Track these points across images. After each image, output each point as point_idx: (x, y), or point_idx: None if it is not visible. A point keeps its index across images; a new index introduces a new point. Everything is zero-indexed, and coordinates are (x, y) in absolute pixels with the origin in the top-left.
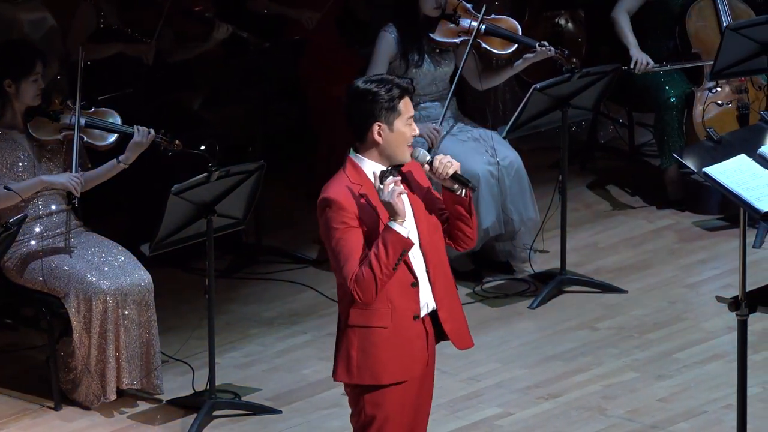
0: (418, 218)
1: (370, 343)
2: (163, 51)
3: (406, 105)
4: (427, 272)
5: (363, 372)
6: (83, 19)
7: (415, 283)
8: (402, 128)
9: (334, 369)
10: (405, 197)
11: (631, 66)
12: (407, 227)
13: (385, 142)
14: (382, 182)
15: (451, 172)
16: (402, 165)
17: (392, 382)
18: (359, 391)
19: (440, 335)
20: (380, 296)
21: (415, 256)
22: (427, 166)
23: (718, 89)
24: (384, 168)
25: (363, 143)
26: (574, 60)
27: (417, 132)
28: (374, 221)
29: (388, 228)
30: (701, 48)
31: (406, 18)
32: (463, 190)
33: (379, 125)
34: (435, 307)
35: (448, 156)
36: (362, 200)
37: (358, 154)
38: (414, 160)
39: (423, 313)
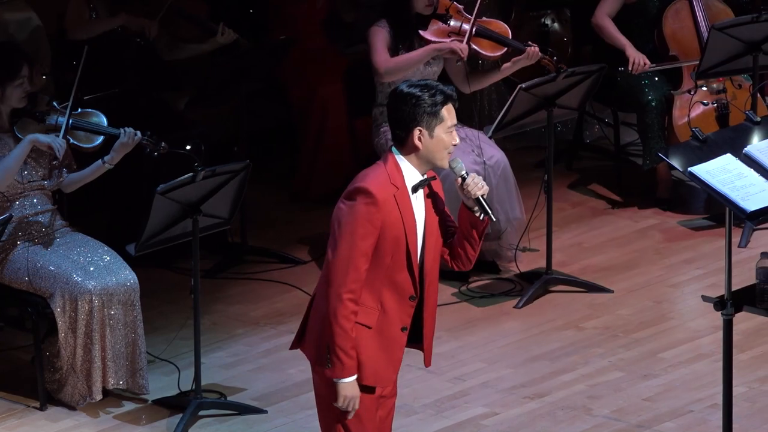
0: (428, 233)
1: None
2: (159, 50)
3: (449, 112)
4: (422, 289)
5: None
6: (75, 15)
7: (414, 297)
8: (442, 135)
9: (301, 345)
10: (422, 217)
11: (629, 67)
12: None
13: (424, 147)
14: (415, 191)
15: (479, 193)
16: (434, 179)
17: (366, 383)
18: (330, 380)
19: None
20: (372, 297)
21: (416, 272)
22: (459, 180)
23: (698, 91)
24: (420, 175)
25: (403, 146)
26: (562, 66)
27: (457, 141)
28: (397, 227)
29: (350, 374)
30: (678, 50)
31: (397, 15)
32: (482, 215)
33: (420, 130)
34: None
35: (481, 178)
36: (395, 203)
37: (400, 155)
38: (449, 170)
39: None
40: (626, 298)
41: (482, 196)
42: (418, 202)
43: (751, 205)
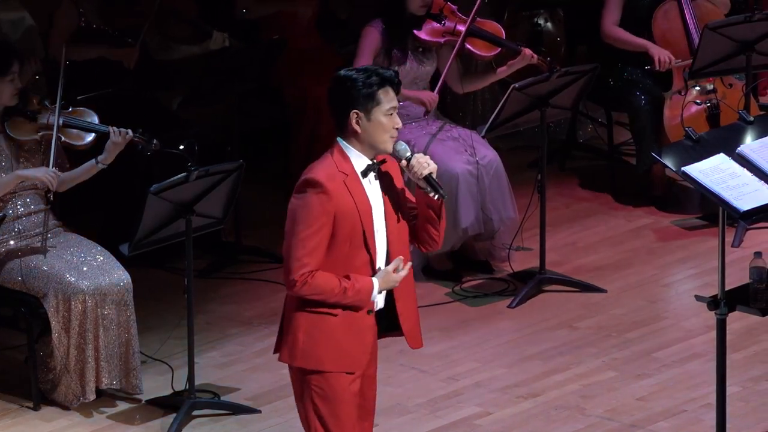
0: (389, 215)
1: (317, 329)
2: (150, 49)
3: (386, 94)
4: None
5: (307, 356)
6: (65, 18)
7: None
8: (381, 118)
9: (278, 347)
10: (380, 201)
11: (656, 65)
12: (379, 297)
13: (363, 131)
14: (365, 175)
15: (425, 173)
16: (384, 162)
17: (335, 370)
18: (302, 374)
19: (382, 332)
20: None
21: (380, 253)
22: (404, 162)
23: (688, 91)
24: (368, 160)
25: (344, 132)
26: (557, 67)
27: (399, 125)
28: (351, 213)
29: (371, 285)
30: (668, 51)
31: (392, 14)
32: (434, 194)
33: (357, 113)
34: (382, 305)
35: (428, 157)
36: (346, 190)
37: (345, 142)
38: (393, 157)
39: (377, 308)
40: (620, 298)
41: (430, 174)
42: (373, 187)
43: (744, 204)
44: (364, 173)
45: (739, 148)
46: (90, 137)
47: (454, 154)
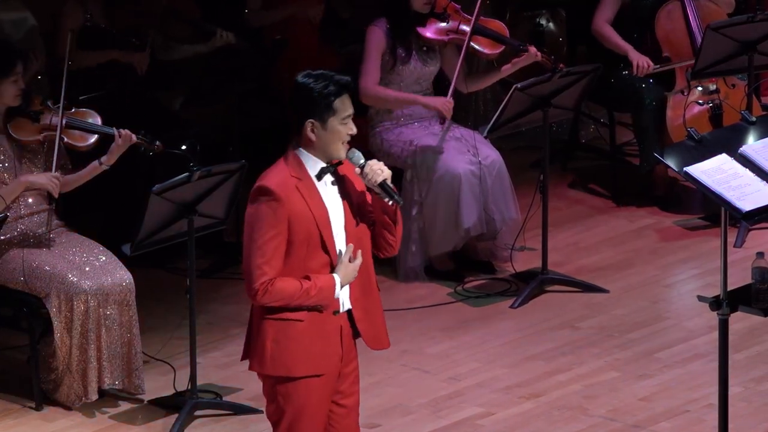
0: (348, 218)
1: (285, 336)
2: (154, 49)
3: (343, 103)
4: None
5: (276, 364)
6: (71, 18)
7: None
8: (337, 126)
9: (246, 355)
10: (339, 204)
11: (634, 70)
12: (343, 293)
13: (318, 139)
14: (320, 178)
15: (379, 179)
16: (339, 164)
17: (305, 374)
18: (272, 382)
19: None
20: None
21: (340, 247)
22: (358, 169)
23: (691, 91)
24: (323, 165)
25: (300, 139)
26: (561, 66)
27: (354, 131)
28: (306, 218)
29: (332, 281)
30: (671, 51)
31: (395, 13)
32: (390, 200)
33: (312, 123)
34: (349, 306)
35: (382, 163)
36: (299, 195)
37: (300, 148)
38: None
39: (343, 309)
40: (622, 298)
41: (385, 181)
42: (331, 190)
43: (746, 204)
44: (319, 176)
45: (741, 149)
46: (93, 138)
47: (456, 155)
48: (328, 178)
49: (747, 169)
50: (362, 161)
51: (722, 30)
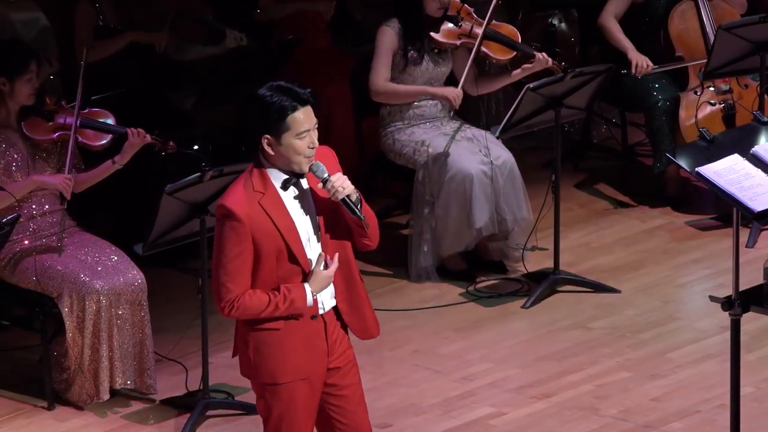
0: (320, 223)
1: (263, 344)
2: (167, 49)
3: (297, 119)
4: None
5: (260, 371)
6: (84, 18)
7: None
8: (292, 141)
9: (235, 354)
10: (307, 210)
11: (632, 70)
12: (316, 298)
13: (277, 154)
14: (285, 188)
15: (340, 196)
16: (302, 176)
17: (289, 380)
18: (259, 385)
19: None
20: None
21: (314, 256)
22: (321, 184)
23: (704, 91)
24: (285, 177)
25: (260, 152)
26: (572, 70)
27: (315, 144)
28: (269, 232)
29: (303, 292)
30: (684, 51)
31: (408, 16)
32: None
33: (267, 138)
34: (332, 305)
35: (345, 179)
36: (260, 210)
37: (263, 159)
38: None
39: (322, 311)
40: (634, 298)
41: (348, 197)
42: (298, 198)
43: (758, 205)
44: (284, 187)
45: (753, 149)
46: (106, 138)
47: (468, 155)
48: (294, 189)
49: (759, 170)
50: (325, 175)
51: (734, 30)
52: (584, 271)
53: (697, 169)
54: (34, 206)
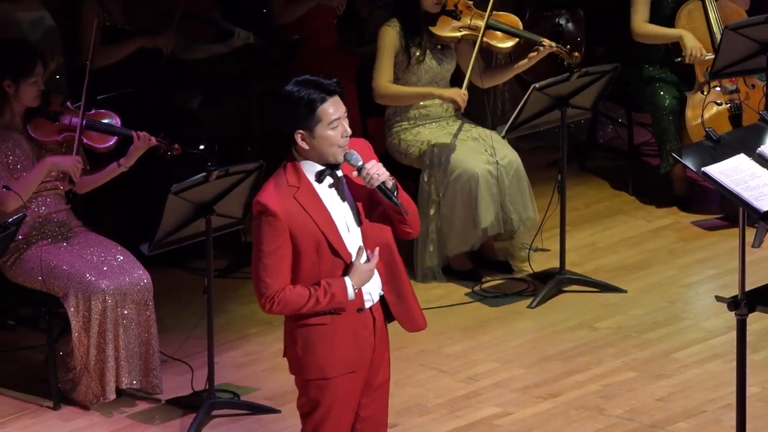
0: (359, 214)
1: (311, 340)
2: (175, 49)
3: (327, 109)
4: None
5: (309, 368)
6: (90, 18)
7: None
8: (324, 132)
9: (285, 353)
10: (345, 202)
11: (687, 58)
12: (359, 291)
13: (311, 148)
14: (320, 180)
15: (375, 184)
16: (338, 166)
17: (337, 374)
18: (304, 382)
19: (390, 315)
20: None
21: (355, 252)
22: (356, 172)
23: (710, 91)
24: (320, 168)
25: (295, 148)
26: (576, 53)
27: (348, 132)
28: (307, 226)
29: (344, 285)
30: None
31: (406, 13)
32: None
33: (301, 133)
34: (377, 297)
35: (380, 166)
36: (296, 204)
37: (297, 155)
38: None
39: (369, 303)
40: (639, 298)
41: (384, 184)
42: (334, 190)
43: (764, 205)
44: (319, 180)
45: (759, 149)
46: (112, 140)
47: (474, 154)
48: (329, 179)
49: (765, 169)
50: (360, 163)
51: (740, 30)
52: (590, 271)
53: (703, 168)
54: (40, 206)
